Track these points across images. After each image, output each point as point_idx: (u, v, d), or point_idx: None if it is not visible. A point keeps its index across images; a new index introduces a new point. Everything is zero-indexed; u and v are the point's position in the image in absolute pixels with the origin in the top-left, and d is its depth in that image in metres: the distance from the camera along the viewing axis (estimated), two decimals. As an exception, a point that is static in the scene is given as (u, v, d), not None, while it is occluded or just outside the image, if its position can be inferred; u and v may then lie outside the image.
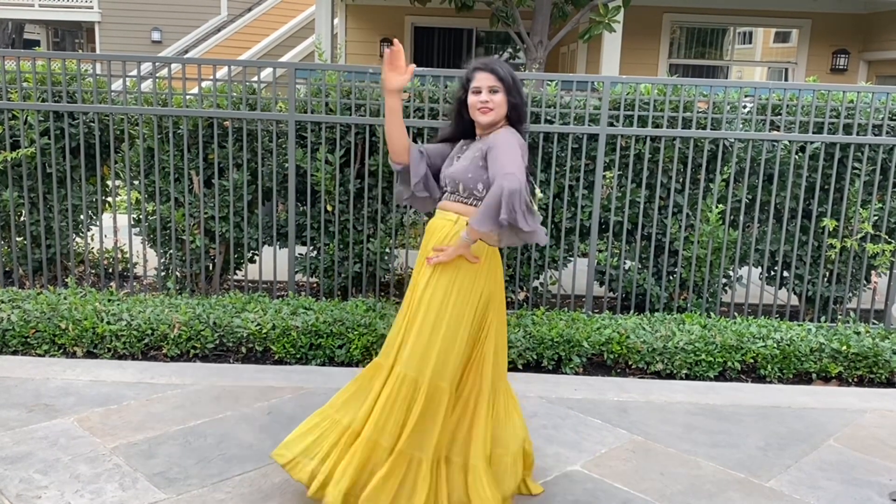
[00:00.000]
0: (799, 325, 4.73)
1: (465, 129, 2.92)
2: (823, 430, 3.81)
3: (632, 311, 4.99)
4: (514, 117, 2.83)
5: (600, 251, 5.07)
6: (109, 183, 5.28)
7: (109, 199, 5.32)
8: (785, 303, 5.28)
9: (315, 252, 5.07)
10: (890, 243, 4.92)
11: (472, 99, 2.78)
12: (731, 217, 4.97)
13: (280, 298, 4.91)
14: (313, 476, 2.76)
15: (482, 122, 2.78)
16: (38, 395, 3.79)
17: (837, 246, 4.92)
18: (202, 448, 3.32)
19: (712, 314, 4.94)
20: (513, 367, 4.40)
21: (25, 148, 4.84)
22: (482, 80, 2.76)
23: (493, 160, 2.66)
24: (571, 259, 5.10)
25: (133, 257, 5.10)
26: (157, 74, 4.91)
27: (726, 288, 5.11)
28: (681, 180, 4.95)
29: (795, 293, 5.20)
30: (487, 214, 2.55)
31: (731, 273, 5.07)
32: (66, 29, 23.36)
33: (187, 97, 4.82)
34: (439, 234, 2.84)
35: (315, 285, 5.34)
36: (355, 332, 4.40)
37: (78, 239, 5.30)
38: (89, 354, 4.35)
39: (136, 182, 5.02)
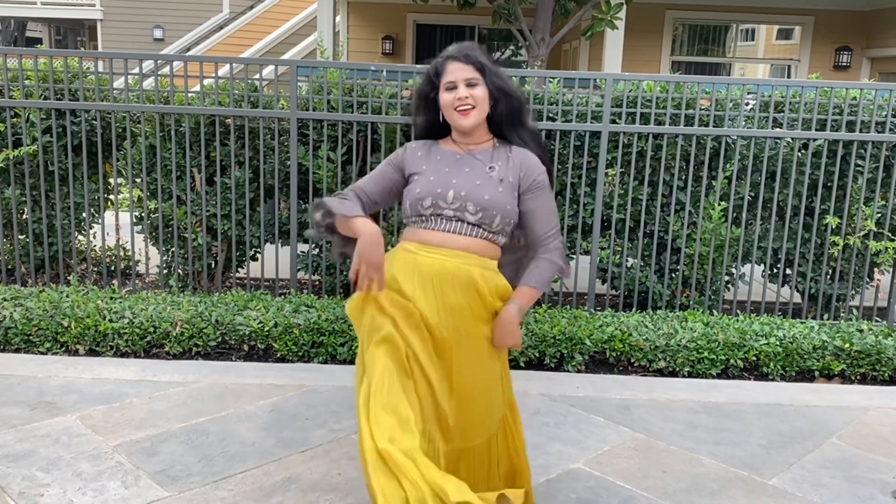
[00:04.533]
0: (801, 323, 4.72)
1: (429, 132, 2.41)
2: (826, 427, 3.81)
3: (634, 309, 4.99)
4: (508, 113, 2.30)
5: (602, 249, 5.06)
6: (111, 181, 5.28)
7: (111, 196, 5.32)
8: (787, 300, 5.27)
9: (317, 250, 5.07)
10: (893, 240, 4.91)
11: (446, 98, 2.26)
12: (734, 214, 4.96)
13: (282, 296, 4.91)
14: None
15: (463, 125, 2.26)
16: (40, 392, 3.79)
17: (840, 243, 4.91)
18: (204, 446, 3.32)
19: (715, 312, 4.93)
20: (515, 365, 4.39)
21: (28, 146, 4.84)
22: (456, 71, 2.25)
23: (542, 208, 2.30)
24: (573, 257, 5.09)
25: (135, 255, 5.10)
26: (159, 72, 4.91)
27: (729, 285, 5.11)
28: (683, 178, 4.94)
29: (798, 291, 5.19)
30: (549, 278, 2.36)
31: (733, 271, 5.07)
32: (69, 27, 23.37)
33: (189, 95, 4.82)
34: (473, 285, 2.24)
35: (317, 283, 5.34)
36: (357, 330, 4.39)
37: (80, 237, 5.30)
38: (91, 352, 4.36)
39: (138, 180, 5.02)
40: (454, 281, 2.22)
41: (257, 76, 4.82)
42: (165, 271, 5.10)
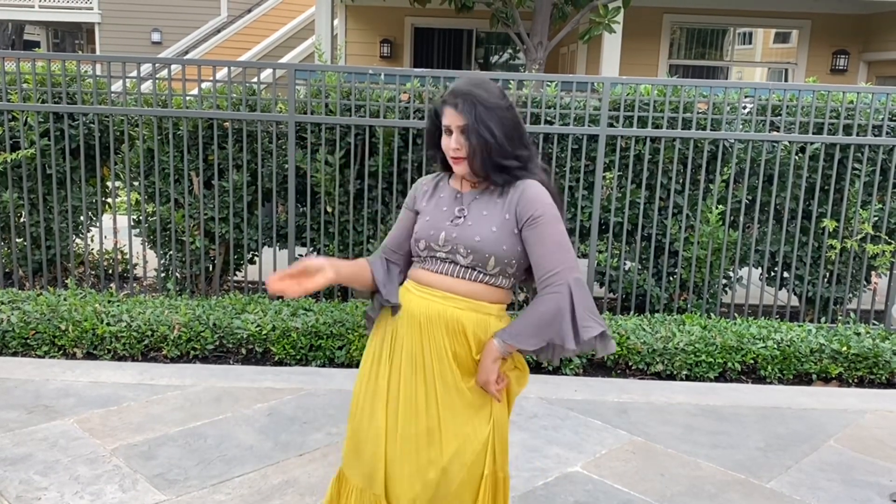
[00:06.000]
0: (799, 326, 4.72)
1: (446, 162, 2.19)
2: (824, 430, 3.81)
3: (632, 312, 4.99)
4: (496, 156, 2.05)
5: (600, 252, 5.07)
6: (109, 184, 5.28)
7: (109, 200, 5.31)
8: (785, 304, 5.27)
9: (315, 253, 5.07)
10: (890, 244, 4.92)
11: (444, 141, 2.11)
12: (731, 218, 4.97)
13: (280, 300, 4.90)
14: None
15: (456, 172, 2.12)
16: (37, 396, 3.78)
17: (837, 247, 4.91)
18: (202, 449, 3.32)
19: (712, 315, 4.93)
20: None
21: (25, 149, 4.84)
22: (448, 117, 2.07)
23: (541, 242, 2.03)
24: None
25: (133, 258, 5.10)
26: (157, 75, 4.91)
27: (726, 289, 5.11)
28: (681, 181, 4.95)
29: (795, 294, 5.20)
30: (539, 330, 2.04)
31: (731, 274, 5.07)
32: (66, 30, 23.36)
33: (187, 98, 4.82)
34: (461, 330, 2.09)
35: (315, 286, 5.33)
36: (355, 334, 4.39)
37: (78, 240, 5.29)
38: (89, 356, 4.35)
39: (135, 183, 5.02)
40: (440, 322, 2.08)
41: (255, 79, 4.82)
42: (163, 275, 5.10)
